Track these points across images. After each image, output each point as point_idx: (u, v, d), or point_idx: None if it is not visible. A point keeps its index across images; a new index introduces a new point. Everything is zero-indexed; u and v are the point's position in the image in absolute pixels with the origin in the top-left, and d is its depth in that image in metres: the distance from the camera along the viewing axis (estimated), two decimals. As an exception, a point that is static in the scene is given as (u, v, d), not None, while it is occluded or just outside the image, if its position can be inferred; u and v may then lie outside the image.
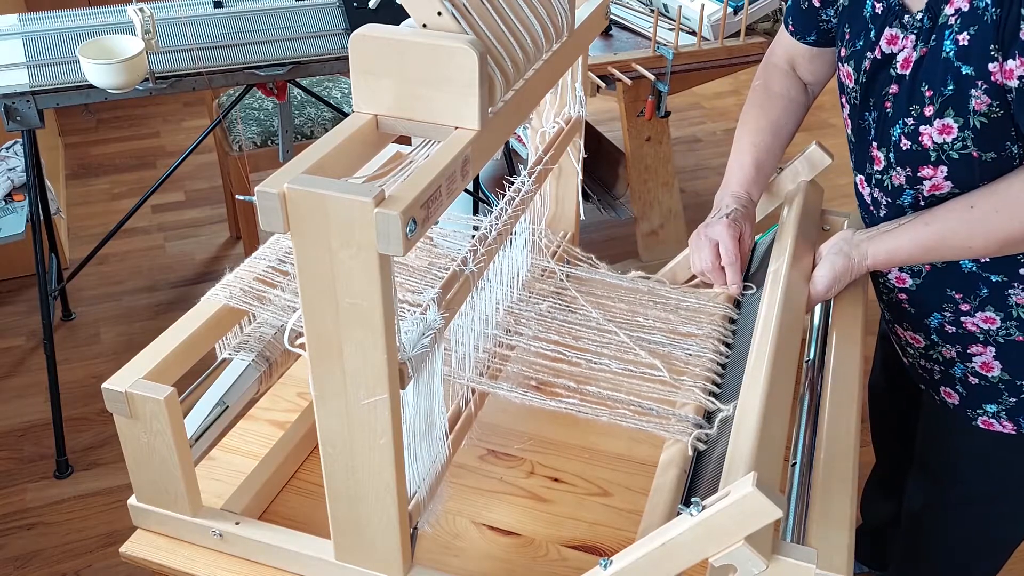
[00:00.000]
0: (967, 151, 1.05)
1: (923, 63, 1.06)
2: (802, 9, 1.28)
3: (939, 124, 1.05)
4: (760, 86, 1.36)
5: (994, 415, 1.23)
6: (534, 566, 1.05)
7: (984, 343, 1.19)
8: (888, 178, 1.15)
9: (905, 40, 1.09)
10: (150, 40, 2.01)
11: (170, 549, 1.04)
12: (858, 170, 1.23)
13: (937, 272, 1.18)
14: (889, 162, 1.14)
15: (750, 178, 1.28)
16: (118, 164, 3.69)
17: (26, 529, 2.15)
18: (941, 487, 1.38)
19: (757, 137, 1.30)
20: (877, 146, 1.16)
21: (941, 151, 1.07)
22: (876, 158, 1.16)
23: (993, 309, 1.16)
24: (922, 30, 1.06)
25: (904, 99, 1.09)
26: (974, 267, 1.15)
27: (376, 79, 0.83)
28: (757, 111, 1.33)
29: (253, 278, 1.08)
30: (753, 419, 0.93)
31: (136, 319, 2.84)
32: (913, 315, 1.25)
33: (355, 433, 0.86)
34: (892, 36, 1.11)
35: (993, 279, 1.15)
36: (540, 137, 1.27)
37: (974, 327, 1.19)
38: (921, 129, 1.07)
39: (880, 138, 1.15)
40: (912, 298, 1.23)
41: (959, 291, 1.18)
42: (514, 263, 1.20)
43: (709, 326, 1.19)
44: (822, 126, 3.94)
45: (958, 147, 1.05)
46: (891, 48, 1.11)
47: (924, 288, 1.21)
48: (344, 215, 0.73)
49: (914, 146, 1.09)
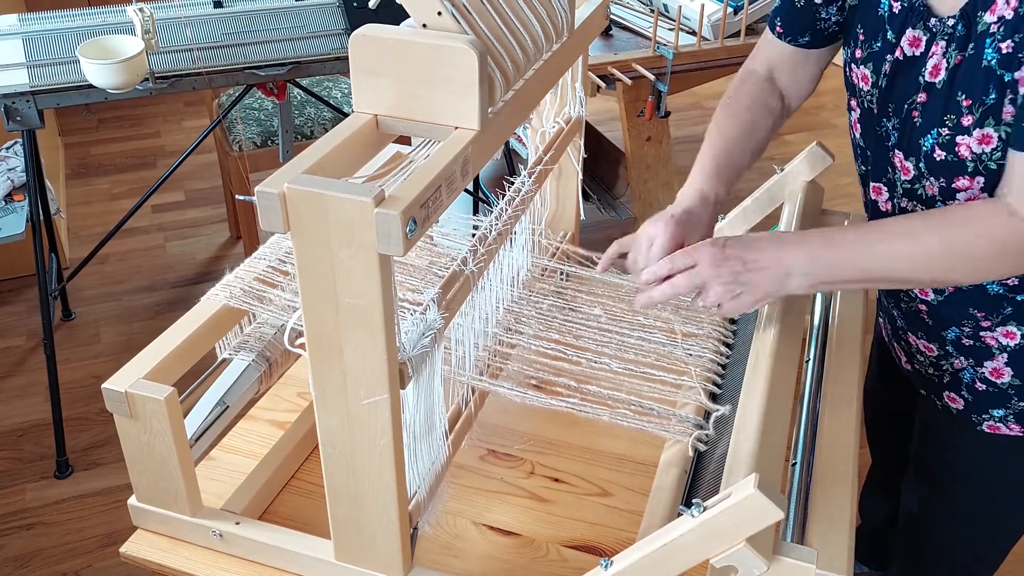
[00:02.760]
0: (1005, 161, 1.01)
1: (959, 72, 1.03)
2: (797, 7, 1.24)
3: (979, 134, 1.02)
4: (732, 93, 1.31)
5: (1001, 419, 1.22)
6: (534, 566, 1.05)
7: (1000, 350, 1.18)
8: (922, 188, 1.11)
9: (934, 46, 1.05)
10: (150, 40, 2.01)
11: (170, 549, 1.04)
12: (874, 179, 1.20)
13: (962, 293, 1.16)
14: (920, 172, 1.10)
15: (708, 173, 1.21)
16: (118, 164, 3.69)
17: (26, 529, 2.15)
18: (940, 489, 1.38)
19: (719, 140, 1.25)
20: (904, 156, 1.12)
21: (979, 161, 1.03)
22: (904, 168, 1.12)
23: (1016, 324, 1.14)
24: (954, 37, 1.03)
25: (937, 109, 1.05)
26: (1001, 290, 1.13)
27: (376, 79, 0.83)
28: (724, 112, 1.28)
29: (253, 278, 1.08)
30: (754, 420, 0.93)
31: (136, 319, 2.84)
32: (930, 327, 1.23)
33: (355, 433, 0.86)
34: (915, 38, 1.07)
35: (1020, 298, 1.13)
36: (540, 137, 1.27)
37: (993, 341, 1.17)
38: (958, 139, 1.04)
39: (907, 147, 1.11)
40: (932, 311, 1.21)
41: (982, 310, 1.16)
42: (514, 263, 1.20)
43: (709, 326, 1.19)
44: (823, 126, 3.94)
45: (997, 157, 1.02)
46: (914, 51, 1.08)
47: (946, 304, 1.19)
48: (344, 215, 0.73)
49: (950, 156, 1.05)
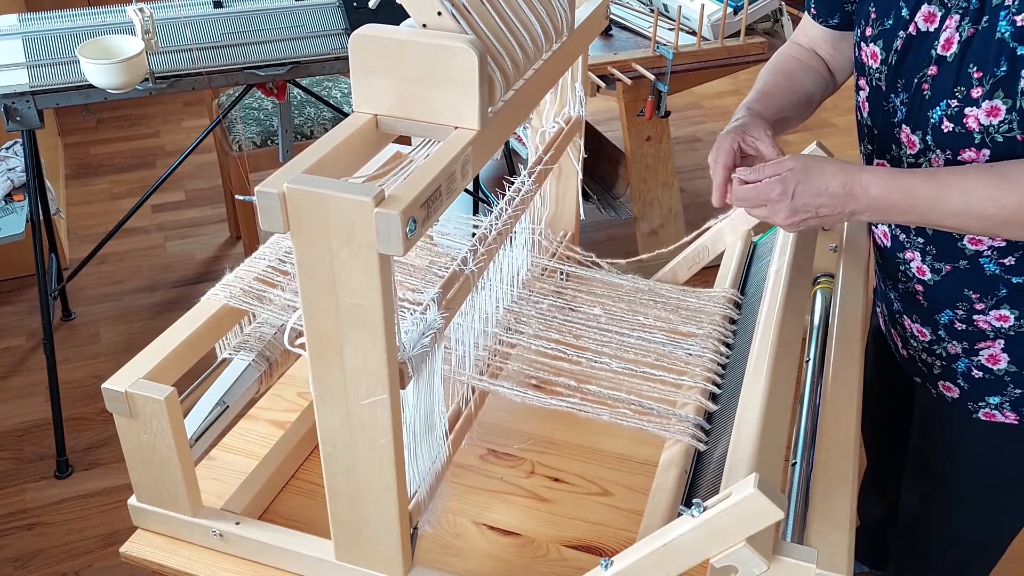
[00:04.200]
0: (1012, 134, 1.03)
1: (972, 43, 1.04)
2: None
3: (988, 106, 1.03)
4: (781, 51, 1.35)
5: (997, 407, 1.23)
6: (534, 566, 1.05)
7: (994, 338, 1.19)
8: (927, 161, 1.12)
9: (948, 20, 1.07)
10: (150, 40, 2.01)
11: (170, 549, 1.04)
12: (879, 156, 1.20)
13: (959, 272, 1.17)
14: (927, 145, 1.11)
15: (760, 93, 1.25)
16: (118, 164, 3.69)
17: (26, 529, 2.15)
18: (939, 482, 1.38)
19: (766, 78, 1.29)
20: (911, 129, 1.13)
21: (986, 133, 1.04)
22: (909, 142, 1.13)
23: (1009, 307, 1.16)
24: (968, 10, 1.04)
25: (948, 80, 1.06)
26: (998, 270, 1.14)
27: (376, 79, 0.83)
28: (768, 66, 1.32)
29: (253, 278, 1.08)
30: (754, 420, 0.93)
31: (136, 319, 2.84)
32: (925, 308, 1.24)
33: (355, 433, 0.86)
34: (930, 14, 1.09)
35: (1015, 280, 1.14)
36: (540, 137, 1.27)
37: (986, 324, 1.18)
38: (967, 111, 1.05)
39: (914, 121, 1.12)
40: (927, 292, 1.22)
41: (977, 291, 1.17)
42: (514, 262, 1.20)
43: (709, 326, 1.19)
44: (822, 126, 3.94)
45: (1003, 130, 1.03)
46: (928, 26, 1.09)
47: (942, 285, 1.20)
48: (344, 215, 0.73)
49: (957, 128, 1.06)
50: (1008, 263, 1.13)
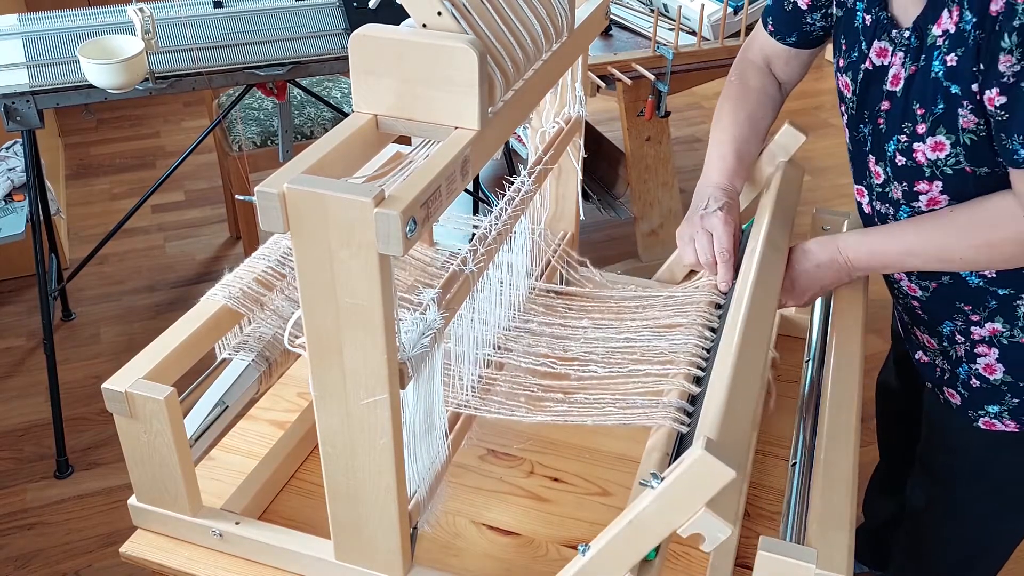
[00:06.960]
0: (960, 167, 1.06)
1: (914, 81, 1.07)
2: (785, 11, 1.27)
3: (932, 141, 1.06)
4: (736, 81, 1.35)
5: (996, 416, 1.23)
6: (534, 566, 1.05)
7: (989, 345, 1.20)
8: (889, 191, 1.16)
9: (894, 56, 1.10)
10: (150, 40, 2.01)
11: (170, 549, 1.04)
12: (857, 181, 1.24)
13: (945, 287, 1.19)
14: (888, 176, 1.15)
15: (732, 169, 1.26)
16: (118, 164, 3.69)
17: (26, 529, 2.15)
18: (942, 486, 1.38)
19: (735, 129, 1.29)
20: (875, 160, 1.17)
21: (935, 167, 1.08)
22: (875, 172, 1.17)
23: (1002, 320, 1.17)
24: (910, 48, 1.07)
25: (897, 116, 1.10)
26: (981, 282, 1.16)
27: (376, 79, 0.83)
28: (733, 103, 1.32)
29: (253, 278, 1.08)
30: (721, 391, 0.92)
31: (136, 319, 2.84)
32: (927, 321, 1.26)
33: (355, 433, 0.86)
34: (881, 49, 1.12)
35: (1001, 292, 1.15)
36: (540, 137, 1.27)
37: (981, 335, 1.20)
38: (915, 146, 1.08)
39: (877, 152, 1.16)
40: (924, 306, 1.25)
41: (968, 303, 1.18)
42: (513, 265, 1.19)
43: (694, 314, 1.18)
44: (822, 126, 3.94)
45: (951, 163, 1.06)
46: (881, 60, 1.12)
47: (934, 300, 1.22)
48: (344, 215, 0.73)
49: (908, 162, 1.10)
50: (990, 275, 1.15)
